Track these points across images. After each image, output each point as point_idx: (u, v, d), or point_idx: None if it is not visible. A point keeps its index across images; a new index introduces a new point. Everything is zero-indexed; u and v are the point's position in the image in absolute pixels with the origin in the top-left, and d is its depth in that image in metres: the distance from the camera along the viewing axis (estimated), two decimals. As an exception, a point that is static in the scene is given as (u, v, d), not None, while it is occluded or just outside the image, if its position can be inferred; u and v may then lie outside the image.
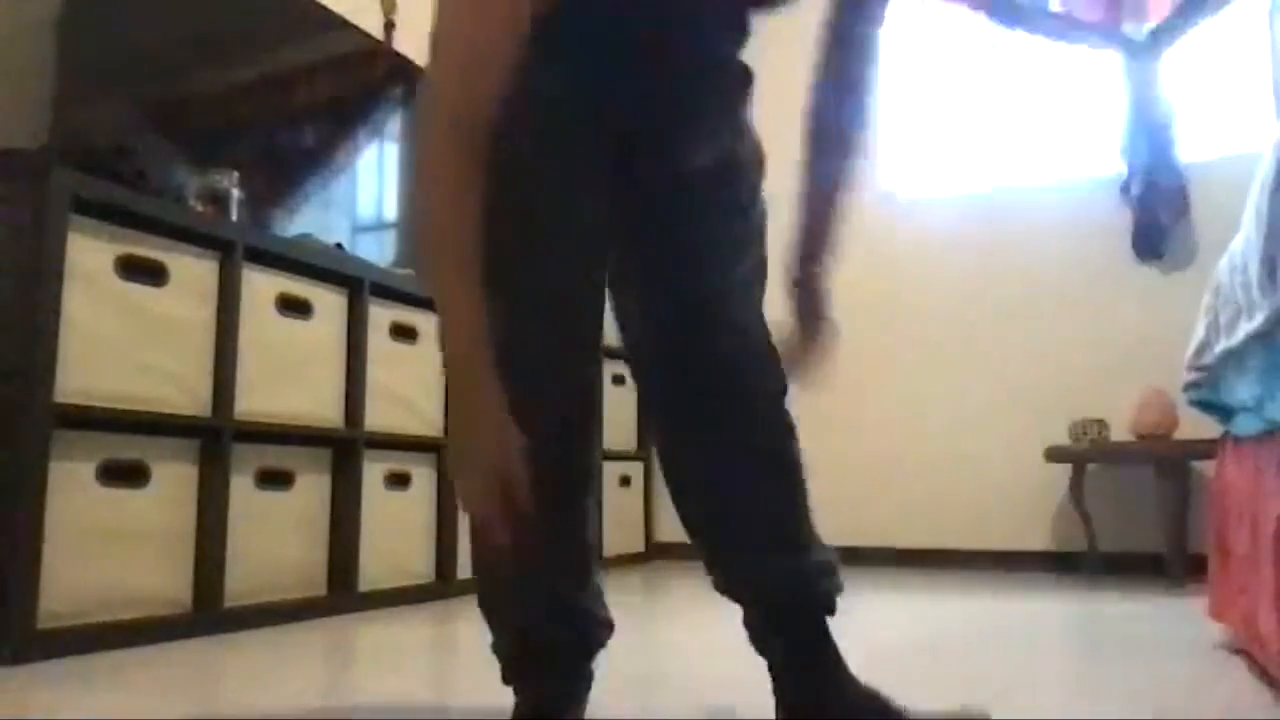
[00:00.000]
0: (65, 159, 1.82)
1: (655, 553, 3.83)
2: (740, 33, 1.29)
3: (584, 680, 1.22)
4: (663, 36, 1.17)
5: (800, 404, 2.86)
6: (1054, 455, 3.09)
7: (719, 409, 1.23)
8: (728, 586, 1.28)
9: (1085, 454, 3.05)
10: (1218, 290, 1.61)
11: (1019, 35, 3.52)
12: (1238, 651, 1.72)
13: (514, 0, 0.97)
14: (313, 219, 2.62)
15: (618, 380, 3.67)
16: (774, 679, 1.23)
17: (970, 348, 3.53)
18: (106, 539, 1.83)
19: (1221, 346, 1.55)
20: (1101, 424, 3.07)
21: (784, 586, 1.23)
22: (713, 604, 2.54)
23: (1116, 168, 3.37)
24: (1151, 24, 3.31)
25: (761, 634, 1.25)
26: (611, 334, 1.23)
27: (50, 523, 1.71)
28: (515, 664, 1.18)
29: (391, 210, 3.04)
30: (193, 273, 2.04)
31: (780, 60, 1.97)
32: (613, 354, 3.61)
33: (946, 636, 1.99)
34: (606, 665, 1.40)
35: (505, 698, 1.36)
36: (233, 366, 2.09)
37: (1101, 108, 3.47)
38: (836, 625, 1.20)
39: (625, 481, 3.65)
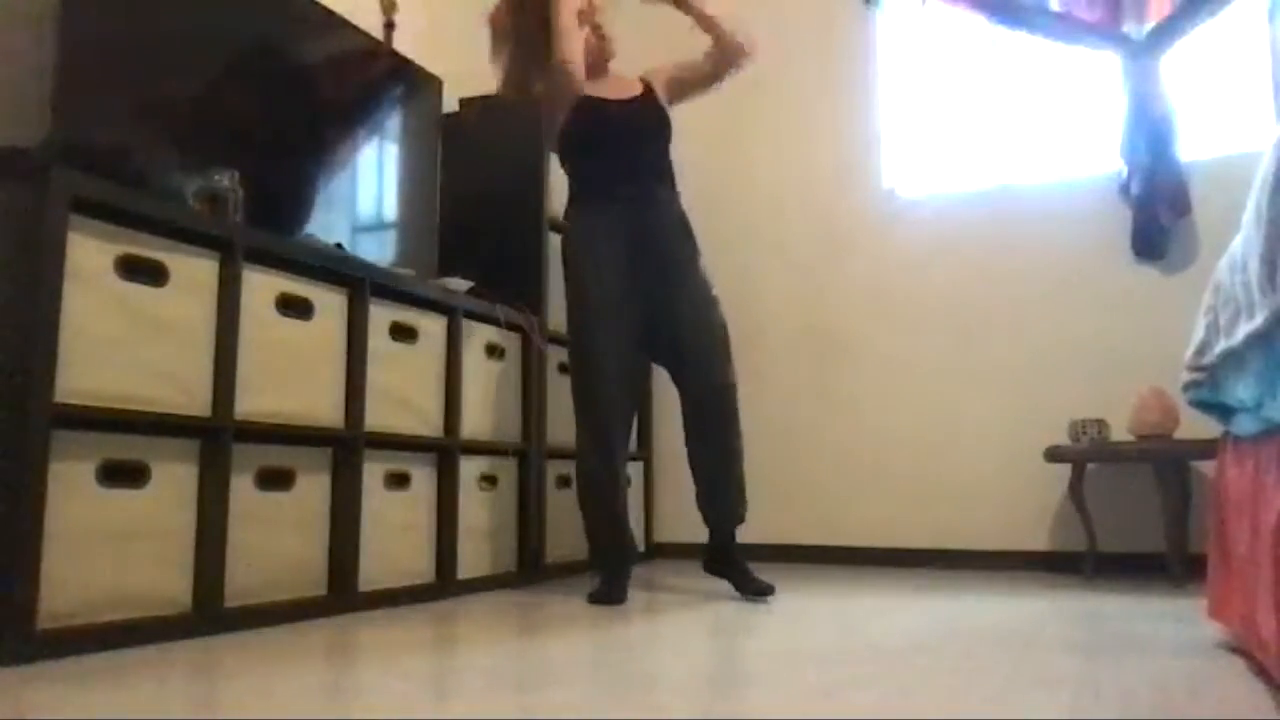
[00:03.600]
0: (65, 159, 1.82)
1: (655, 553, 3.83)
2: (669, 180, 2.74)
3: (628, 567, 2.62)
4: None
5: (801, 404, 2.85)
6: (1054, 455, 3.09)
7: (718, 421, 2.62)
8: (710, 510, 2.65)
9: (1085, 454, 3.05)
10: (1218, 290, 1.61)
11: (1019, 35, 3.52)
12: (1237, 651, 1.72)
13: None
14: (313, 219, 2.62)
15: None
16: (713, 558, 2.68)
17: (969, 347, 3.53)
18: (106, 539, 1.83)
19: (1221, 346, 1.55)
20: (1101, 424, 3.07)
21: (735, 517, 2.65)
22: (712, 604, 2.54)
23: (1116, 167, 3.37)
24: (1151, 24, 3.31)
25: (715, 543, 2.67)
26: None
27: (50, 523, 1.71)
28: (595, 555, 2.74)
29: (391, 210, 3.04)
30: (193, 273, 2.04)
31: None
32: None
33: (946, 636, 1.99)
34: (607, 664, 1.40)
35: (503, 699, 1.37)
36: (233, 366, 2.09)
37: (1101, 107, 3.47)
38: (837, 624, 1.23)
39: (625, 482, 3.64)
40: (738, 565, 2.62)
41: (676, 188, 2.74)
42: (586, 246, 2.61)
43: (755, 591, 2.54)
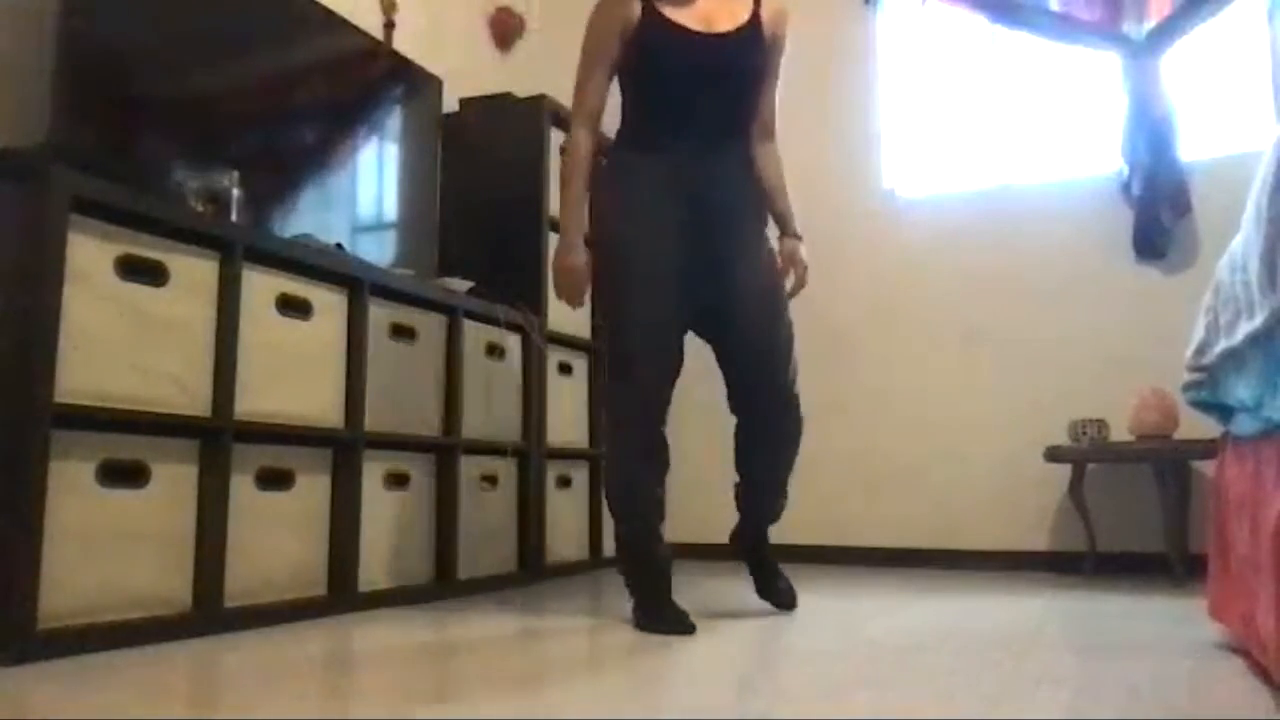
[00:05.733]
0: (65, 159, 1.82)
1: (655, 553, 3.82)
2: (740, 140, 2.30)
3: (660, 526, 2.23)
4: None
5: (801, 404, 2.84)
6: (1054, 455, 3.09)
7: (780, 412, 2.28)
8: (748, 508, 2.37)
9: (1085, 454, 3.05)
10: (1218, 289, 1.61)
11: (1019, 35, 3.52)
12: (1237, 651, 1.72)
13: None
14: (313, 219, 2.62)
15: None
16: (748, 560, 2.38)
17: (970, 347, 3.52)
18: (106, 539, 1.82)
19: (1221, 346, 1.55)
20: (1101, 424, 3.07)
21: (775, 512, 2.37)
22: (712, 604, 2.54)
23: (1117, 167, 3.37)
24: (1151, 24, 3.31)
25: (746, 532, 2.38)
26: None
27: (50, 523, 1.71)
28: (622, 529, 2.21)
29: (391, 210, 3.04)
30: (193, 273, 2.04)
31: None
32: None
33: (947, 636, 1.99)
34: (608, 665, 1.40)
35: (503, 699, 1.36)
36: (233, 366, 2.09)
37: (1102, 107, 3.47)
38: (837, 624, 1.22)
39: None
40: (767, 565, 2.36)
41: (751, 145, 2.29)
42: (625, 201, 2.18)
43: (780, 603, 2.30)
